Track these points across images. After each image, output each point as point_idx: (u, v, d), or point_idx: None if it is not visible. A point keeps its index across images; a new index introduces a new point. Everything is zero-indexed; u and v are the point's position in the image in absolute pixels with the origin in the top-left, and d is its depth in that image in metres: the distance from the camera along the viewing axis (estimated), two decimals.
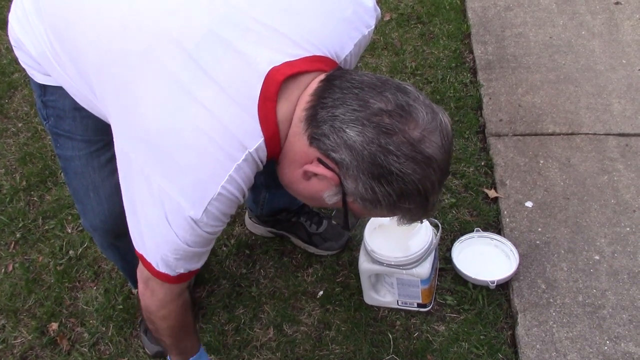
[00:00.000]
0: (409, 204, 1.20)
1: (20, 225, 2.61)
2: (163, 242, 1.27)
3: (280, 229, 2.32)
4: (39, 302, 2.30)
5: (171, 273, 1.34)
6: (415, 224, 1.96)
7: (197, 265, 1.37)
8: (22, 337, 2.20)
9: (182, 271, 1.35)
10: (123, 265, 1.95)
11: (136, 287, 2.06)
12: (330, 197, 1.25)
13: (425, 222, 1.96)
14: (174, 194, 1.19)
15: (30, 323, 2.24)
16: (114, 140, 1.27)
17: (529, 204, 2.30)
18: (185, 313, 1.49)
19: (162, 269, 1.33)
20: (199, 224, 1.22)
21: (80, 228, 2.56)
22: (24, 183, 2.77)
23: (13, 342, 2.19)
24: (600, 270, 2.05)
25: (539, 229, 2.21)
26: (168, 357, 1.65)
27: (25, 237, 2.57)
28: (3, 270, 2.45)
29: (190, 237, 1.24)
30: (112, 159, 1.34)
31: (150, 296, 1.42)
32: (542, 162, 2.44)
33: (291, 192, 1.36)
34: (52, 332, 2.19)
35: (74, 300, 2.29)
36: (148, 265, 1.34)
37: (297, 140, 1.22)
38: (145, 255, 1.33)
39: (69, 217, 2.61)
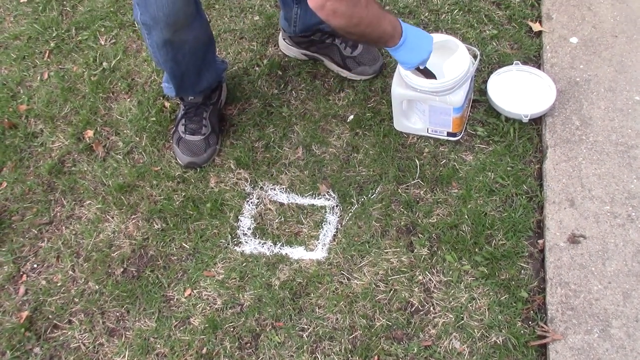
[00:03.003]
0: None
1: (54, 34, 2.61)
2: None
3: (314, 51, 2.27)
4: (75, 110, 2.35)
5: None
6: (452, 51, 1.92)
7: None
8: (59, 142, 2.27)
9: None
10: (172, 67, 1.94)
11: (178, 95, 2.08)
12: None
13: (464, 50, 1.90)
14: None
15: (67, 129, 2.30)
16: None
17: (574, 39, 2.20)
18: (371, 6, 1.61)
19: None
20: None
21: (114, 40, 2.54)
22: None
23: (51, 146, 2.27)
24: (639, 111, 2.00)
25: (581, 66, 2.13)
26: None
27: (59, 46, 2.57)
28: (39, 77, 2.48)
29: None
30: None
31: (334, 16, 1.54)
32: None
33: None
34: (87, 139, 2.26)
35: (108, 110, 2.33)
36: None
37: None
38: None
39: (102, 29, 2.59)
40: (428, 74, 1.88)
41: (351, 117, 2.16)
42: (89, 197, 2.12)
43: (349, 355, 1.70)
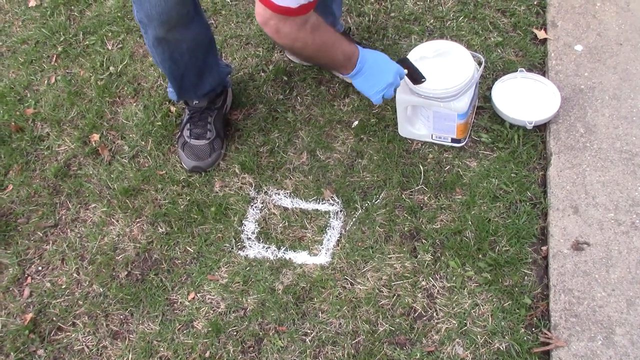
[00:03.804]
0: None
1: (61, 39, 2.63)
2: None
3: None
4: (81, 114, 2.37)
5: (292, 5, 1.43)
6: (457, 58, 1.92)
7: None
8: (65, 145, 2.29)
9: (303, 2, 1.44)
10: (170, 66, 1.96)
11: (180, 98, 2.10)
12: None
13: (468, 57, 1.91)
14: None
15: (73, 133, 2.31)
16: None
17: (578, 47, 2.20)
18: (319, 34, 1.58)
19: (282, 1, 1.41)
20: None
21: (120, 45, 2.56)
22: None
23: (57, 149, 2.28)
24: None
25: (586, 74, 2.14)
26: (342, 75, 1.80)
27: (67, 51, 2.59)
28: (46, 81, 2.50)
29: None
30: None
31: (277, 35, 1.53)
32: (599, 4, 2.31)
33: None
34: (93, 142, 2.27)
35: (114, 114, 2.35)
36: (267, 2, 1.43)
37: None
38: None
39: (109, 34, 2.61)
40: (416, 78, 1.87)
41: (356, 122, 2.17)
42: (94, 200, 2.13)
43: None
